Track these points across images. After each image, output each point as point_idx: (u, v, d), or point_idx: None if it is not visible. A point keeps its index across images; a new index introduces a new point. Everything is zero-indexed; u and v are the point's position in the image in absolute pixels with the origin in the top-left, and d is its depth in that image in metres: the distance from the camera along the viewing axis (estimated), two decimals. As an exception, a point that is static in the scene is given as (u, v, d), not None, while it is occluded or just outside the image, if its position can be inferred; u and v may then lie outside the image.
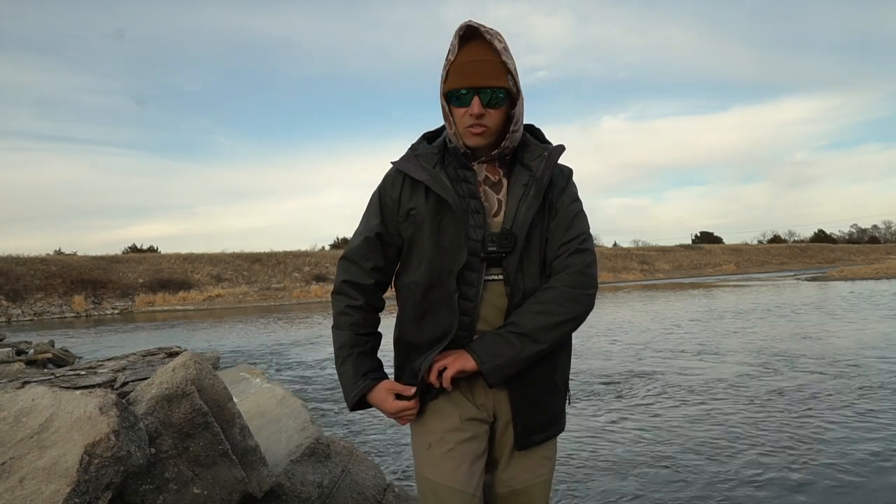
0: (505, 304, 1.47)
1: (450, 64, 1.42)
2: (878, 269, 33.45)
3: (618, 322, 13.51)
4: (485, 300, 1.47)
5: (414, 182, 1.49)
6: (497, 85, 1.40)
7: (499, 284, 1.47)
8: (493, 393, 1.50)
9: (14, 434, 2.09)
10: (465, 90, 1.40)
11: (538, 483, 1.56)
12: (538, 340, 1.42)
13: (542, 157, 1.49)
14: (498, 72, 1.40)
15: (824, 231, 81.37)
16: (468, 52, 1.40)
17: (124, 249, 45.02)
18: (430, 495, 1.49)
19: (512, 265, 1.45)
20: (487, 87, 1.39)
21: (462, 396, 1.50)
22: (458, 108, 1.43)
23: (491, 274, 1.47)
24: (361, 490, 2.92)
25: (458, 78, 1.40)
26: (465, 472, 1.47)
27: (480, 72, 1.39)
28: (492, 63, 1.39)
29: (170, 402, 2.30)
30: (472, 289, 1.45)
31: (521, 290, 1.46)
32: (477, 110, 1.40)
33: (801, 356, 7.82)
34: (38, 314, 27.49)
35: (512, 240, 1.44)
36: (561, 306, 1.44)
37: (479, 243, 1.44)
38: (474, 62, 1.39)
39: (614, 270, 46.51)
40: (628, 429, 4.88)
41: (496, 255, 1.44)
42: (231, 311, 27.46)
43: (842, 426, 4.64)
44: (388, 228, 1.53)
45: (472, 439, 1.49)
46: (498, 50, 1.39)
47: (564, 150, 1.52)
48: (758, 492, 3.46)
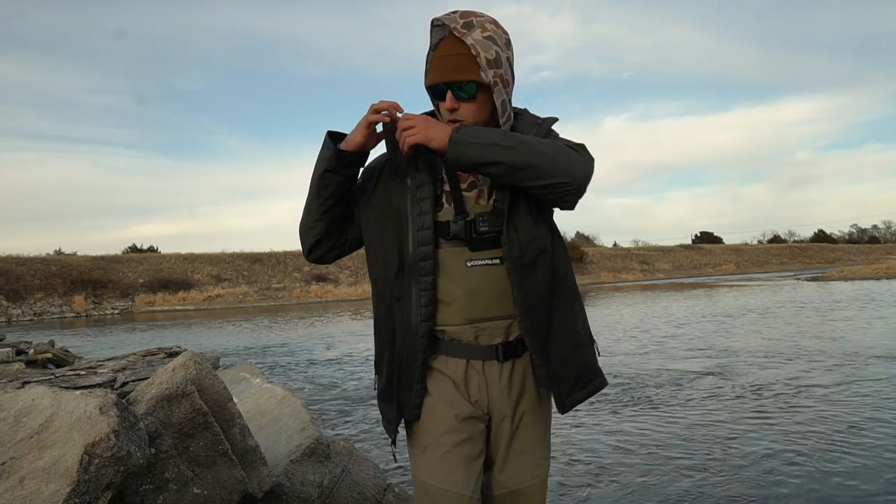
0: (504, 288, 1.44)
1: (427, 59, 1.45)
2: (878, 269, 33.45)
3: (621, 321, 13.51)
4: (476, 287, 1.44)
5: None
6: (465, 79, 1.40)
7: (495, 269, 1.44)
8: (486, 389, 1.48)
9: (14, 434, 2.09)
10: (439, 84, 1.42)
11: (534, 484, 1.54)
12: (521, 146, 1.35)
13: (534, 124, 1.49)
14: (469, 64, 1.38)
15: (824, 231, 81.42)
16: (441, 48, 1.41)
17: (124, 249, 44.97)
18: (427, 499, 1.47)
19: (508, 225, 1.43)
20: (455, 81, 1.40)
21: (457, 394, 1.48)
22: (439, 102, 1.46)
23: (482, 258, 1.44)
24: (361, 490, 2.92)
25: (432, 74, 1.43)
26: (462, 474, 1.45)
27: (449, 66, 1.40)
28: (462, 56, 1.39)
29: (170, 402, 2.30)
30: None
31: (517, 243, 1.43)
32: (449, 104, 1.42)
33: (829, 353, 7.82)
34: (38, 314, 27.48)
35: (503, 218, 1.43)
36: (557, 151, 1.38)
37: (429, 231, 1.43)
38: (443, 57, 1.40)
39: (614, 270, 46.48)
40: (655, 430, 4.88)
41: (490, 236, 1.43)
42: (231, 311, 27.46)
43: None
44: (359, 200, 1.58)
45: (468, 441, 1.47)
46: (468, 44, 1.38)
47: (557, 120, 1.52)
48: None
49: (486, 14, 1.44)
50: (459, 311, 1.44)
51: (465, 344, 1.47)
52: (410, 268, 1.44)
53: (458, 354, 1.47)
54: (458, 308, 1.44)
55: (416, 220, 1.43)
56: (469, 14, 1.41)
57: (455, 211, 1.45)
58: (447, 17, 1.41)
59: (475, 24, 1.40)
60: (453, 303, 1.44)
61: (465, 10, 1.42)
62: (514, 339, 1.48)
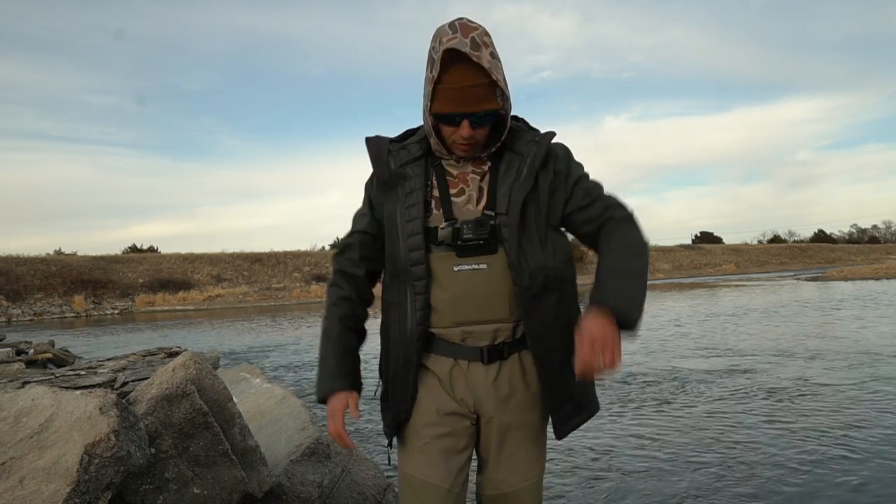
0: (490, 293, 1.45)
1: (434, 83, 1.36)
2: (878, 269, 33.43)
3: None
4: (461, 291, 1.44)
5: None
6: (488, 109, 1.38)
7: (481, 273, 1.44)
8: (473, 388, 1.49)
9: (14, 434, 2.09)
10: (455, 115, 1.38)
11: (527, 487, 1.54)
12: (643, 270, 1.41)
13: (533, 142, 1.48)
14: (489, 94, 1.36)
15: (824, 231, 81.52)
16: (456, 76, 1.34)
17: (124, 249, 45.05)
18: (406, 488, 1.50)
19: (513, 249, 1.42)
20: (479, 112, 1.37)
21: (442, 390, 1.49)
22: (446, 125, 1.42)
23: (468, 263, 1.44)
24: (361, 490, 2.92)
25: (447, 102, 1.37)
26: (441, 466, 1.47)
27: (471, 98, 1.35)
28: (483, 87, 1.35)
29: (170, 402, 2.30)
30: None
31: (527, 272, 1.43)
32: (467, 134, 1.39)
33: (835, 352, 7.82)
34: (38, 314, 27.49)
35: (487, 227, 1.42)
36: (630, 236, 1.45)
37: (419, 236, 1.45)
38: (464, 88, 1.34)
39: (614, 270, 46.31)
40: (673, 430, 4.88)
41: (474, 243, 1.43)
42: (231, 311, 27.46)
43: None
44: (375, 219, 1.54)
45: (449, 435, 1.49)
46: (487, 69, 1.33)
47: (555, 135, 1.52)
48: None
49: (475, 21, 1.39)
50: (446, 315, 1.46)
51: (453, 344, 1.49)
52: (404, 273, 1.46)
53: (446, 353, 1.49)
54: (445, 312, 1.46)
55: (406, 226, 1.45)
56: (467, 29, 1.35)
57: (444, 216, 1.45)
58: (455, 41, 1.33)
59: (479, 41, 1.34)
60: (441, 307, 1.46)
61: (463, 24, 1.36)
62: (500, 342, 1.49)
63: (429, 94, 1.39)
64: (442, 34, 1.35)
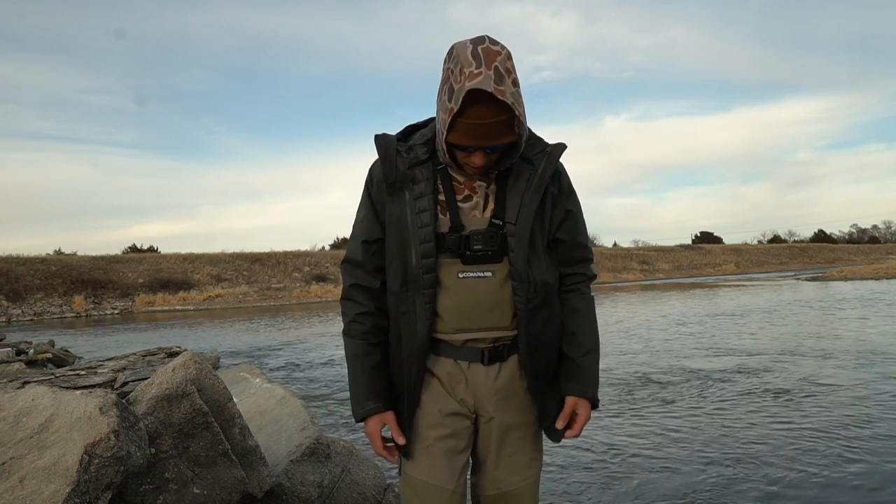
0: (493, 301, 1.45)
1: (452, 114, 1.29)
2: (878, 270, 33.43)
3: (625, 319, 13.50)
4: (465, 299, 1.44)
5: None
6: (506, 142, 1.35)
7: (485, 282, 1.44)
8: (473, 389, 1.50)
9: (14, 434, 2.09)
10: (470, 147, 1.34)
11: (526, 486, 1.55)
12: (595, 348, 1.58)
13: (543, 153, 1.47)
14: (508, 129, 1.32)
15: (824, 231, 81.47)
16: (478, 112, 1.28)
17: (124, 249, 45.06)
18: (410, 491, 1.50)
19: (519, 260, 1.42)
20: (497, 145, 1.35)
21: (443, 391, 1.50)
22: (459, 151, 1.38)
23: (474, 270, 1.44)
24: (361, 490, 2.92)
25: (464, 136, 1.32)
26: (444, 468, 1.47)
27: (491, 133, 1.31)
28: (503, 122, 1.30)
29: (170, 402, 2.30)
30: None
31: (532, 285, 1.44)
32: (480, 163, 1.37)
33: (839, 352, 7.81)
34: (38, 314, 27.48)
35: (497, 238, 1.42)
36: (593, 319, 1.60)
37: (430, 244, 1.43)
38: (484, 125, 1.29)
39: (614, 270, 46.48)
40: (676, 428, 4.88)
41: (483, 254, 1.42)
42: (231, 311, 27.45)
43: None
44: (379, 222, 1.50)
45: (452, 436, 1.49)
46: (510, 104, 1.27)
47: (566, 147, 1.51)
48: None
49: (498, 42, 1.31)
50: (450, 322, 1.46)
51: (454, 346, 1.49)
52: (414, 281, 1.44)
53: (447, 354, 1.50)
54: (449, 319, 1.46)
55: (418, 232, 1.42)
56: (490, 57, 1.26)
57: (451, 223, 1.44)
58: (479, 79, 1.24)
59: (502, 70, 1.26)
60: (445, 313, 1.46)
61: (486, 51, 1.27)
62: (501, 344, 1.50)
63: (445, 123, 1.32)
64: (464, 62, 1.27)
